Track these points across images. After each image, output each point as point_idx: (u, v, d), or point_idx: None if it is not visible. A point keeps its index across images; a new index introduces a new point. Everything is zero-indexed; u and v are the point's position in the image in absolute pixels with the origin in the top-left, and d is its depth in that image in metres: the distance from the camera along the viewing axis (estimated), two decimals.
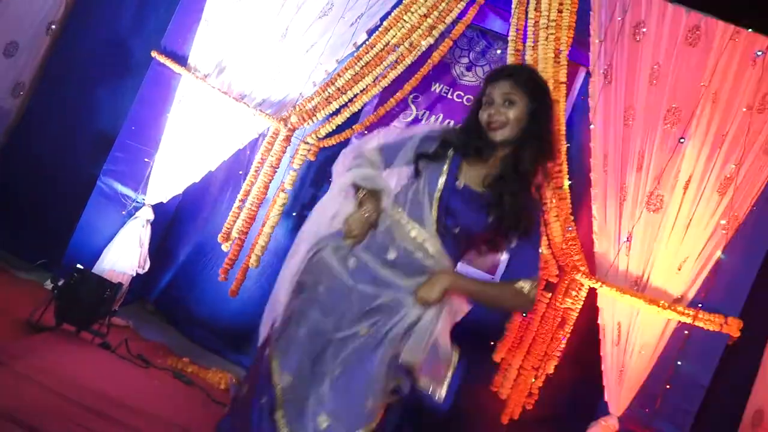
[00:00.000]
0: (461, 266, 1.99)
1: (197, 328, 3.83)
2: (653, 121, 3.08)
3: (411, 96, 3.66)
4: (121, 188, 3.68)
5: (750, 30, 2.98)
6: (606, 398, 3.05)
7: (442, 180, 1.88)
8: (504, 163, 1.89)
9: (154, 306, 3.96)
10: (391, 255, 1.87)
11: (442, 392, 1.77)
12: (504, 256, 2.10)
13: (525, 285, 1.86)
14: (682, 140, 3.01)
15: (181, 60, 3.62)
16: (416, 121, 3.67)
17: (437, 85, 3.68)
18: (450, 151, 1.91)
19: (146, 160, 3.67)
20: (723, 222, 2.99)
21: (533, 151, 1.87)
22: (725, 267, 3.01)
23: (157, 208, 3.66)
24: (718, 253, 3.00)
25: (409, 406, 1.82)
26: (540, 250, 1.99)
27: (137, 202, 3.66)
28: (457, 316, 1.89)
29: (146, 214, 3.62)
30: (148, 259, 3.64)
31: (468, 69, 3.67)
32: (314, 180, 3.82)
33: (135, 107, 3.73)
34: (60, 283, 3.21)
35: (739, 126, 2.99)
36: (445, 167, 1.89)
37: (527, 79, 1.90)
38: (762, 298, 3.03)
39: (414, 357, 1.77)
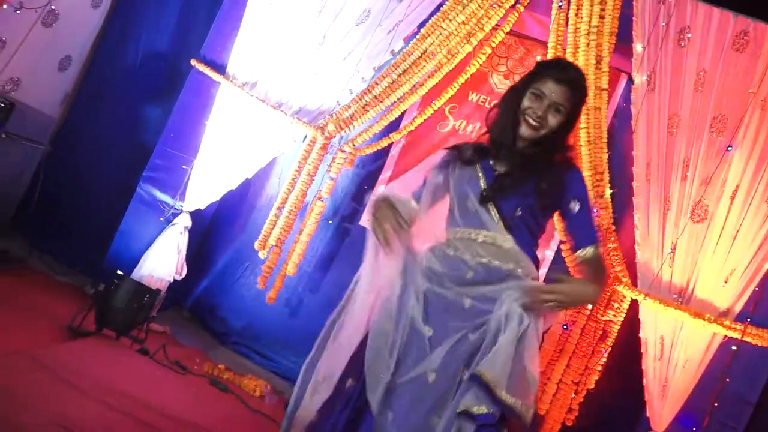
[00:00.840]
0: None
1: (233, 334, 3.86)
2: (699, 128, 3.00)
3: (448, 107, 3.63)
4: (159, 195, 3.73)
5: None
6: (648, 414, 2.96)
7: (482, 182, 1.88)
8: (528, 147, 1.90)
9: (190, 312, 4.00)
10: (469, 275, 1.84)
11: (529, 414, 1.69)
12: None
13: (588, 250, 1.86)
14: (729, 148, 2.92)
15: (220, 68, 3.66)
16: (453, 131, 3.63)
17: (474, 94, 3.64)
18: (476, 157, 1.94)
19: (184, 167, 3.71)
20: None
21: (554, 143, 1.89)
22: None
23: (194, 214, 3.70)
24: (767, 266, 2.89)
25: None
26: (593, 211, 1.97)
27: (175, 208, 3.70)
28: (540, 336, 1.84)
29: (184, 221, 3.65)
30: (185, 265, 3.67)
31: (506, 77, 3.62)
32: (355, 194, 3.81)
33: (174, 115, 3.78)
34: (100, 288, 3.25)
35: None
36: (479, 171, 1.90)
37: (581, 93, 1.90)
38: None
39: (493, 372, 1.69)
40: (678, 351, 2.95)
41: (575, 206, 1.86)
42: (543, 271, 3.31)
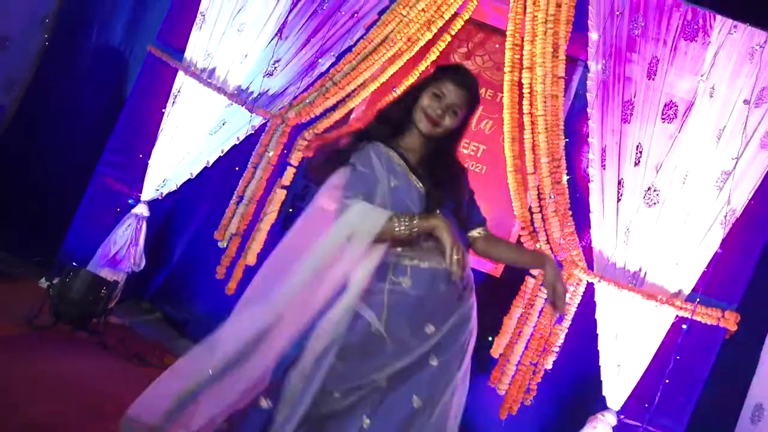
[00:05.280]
0: None
1: (194, 325, 3.81)
2: (651, 115, 3.09)
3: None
4: (116, 185, 3.65)
5: (748, 24, 2.98)
6: (604, 393, 3.06)
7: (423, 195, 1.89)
8: (424, 163, 1.93)
9: (149, 304, 3.93)
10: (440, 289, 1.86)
11: None
12: None
13: (478, 231, 1.99)
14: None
15: (177, 55, 3.59)
16: None
17: None
18: (396, 157, 1.91)
19: (141, 156, 3.64)
20: (721, 216, 2.99)
21: (446, 158, 1.97)
22: (723, 261, 3.01)
23: (152, 204, 3.64)
24: (716, 247, 3.00)
25: None
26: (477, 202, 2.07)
27: (132, 198, 3.63)
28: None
29: (141, 211, 3.59)
30: (143, 256, 3.61)
31: (467, 58, 3.65)
32: (306, 171, 3.76)
33: (129, 103, 3.70)
34: (55, 281, 3.18)
35: (737, 120, 2.99)
36: (416, 182, 1.89)
37: (476, 99, 1.95)
38: (760, 291, 3.05)
39: None
40: (632, 331, 3.05)
41: (468, 197, 1.99)
42: None
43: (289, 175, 3.49)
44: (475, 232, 1.99)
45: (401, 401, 1.77)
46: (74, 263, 3.26)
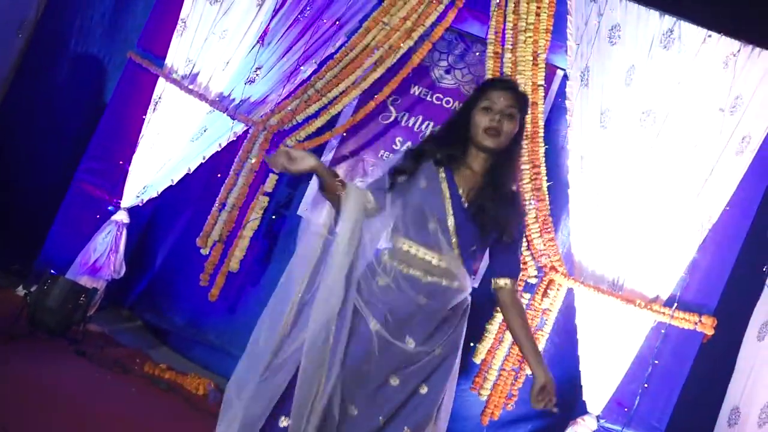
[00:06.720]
0: None
1: (175, 333, 3.78)
2: (628, 122, 3.13)
3: (390, 98, 3.64)
4: (95, 191, 3.62)
5: (721, 34, 3.04)
6: (584, 397, 3.08)
7: (448, 205, 1.87)
8: (486, 176, 1.93)
9: (129, 311, 3.90)
10: (422, 301, 1.86)
11: None
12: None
13: (507, 282, 1.94)
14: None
15: (158, 61, 3.58)
16: (395, 123, 3.66)
17: (416, 87, 3.67)
18: (440, 169, 1.91)
19: (121, 162, 3.62)
20: (698, 222, 3.04)
21: (511, 166, 1.96)
22: (700, 266, 3.06)
23: (133, 211, 3.61)
24: (693, 253, 3.05)
25: None
26: (520, 252, 2.04)
27: (112, 205, 3.60)
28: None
29: (122, 218, 3.56)
30: (123, 263, 3.58)
31: (447, 72, 3.67)
32: (290, 180, 3.77)
33: (109, 109, 3.68)
34: (32, 289, 3.14)
35: (712, 127, 3.04)
36: (446, 190, 1.88)
37: (523, 97, 1.96)
38: (736, 296, 3.09)
39: None
40: (611, 336, 3.08)
41: (508, 239, 1.93)
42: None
43: (271, 182, 3.49)
44: (502, 282, 1.94)
45: None
46: (53, 271, 3.23)
